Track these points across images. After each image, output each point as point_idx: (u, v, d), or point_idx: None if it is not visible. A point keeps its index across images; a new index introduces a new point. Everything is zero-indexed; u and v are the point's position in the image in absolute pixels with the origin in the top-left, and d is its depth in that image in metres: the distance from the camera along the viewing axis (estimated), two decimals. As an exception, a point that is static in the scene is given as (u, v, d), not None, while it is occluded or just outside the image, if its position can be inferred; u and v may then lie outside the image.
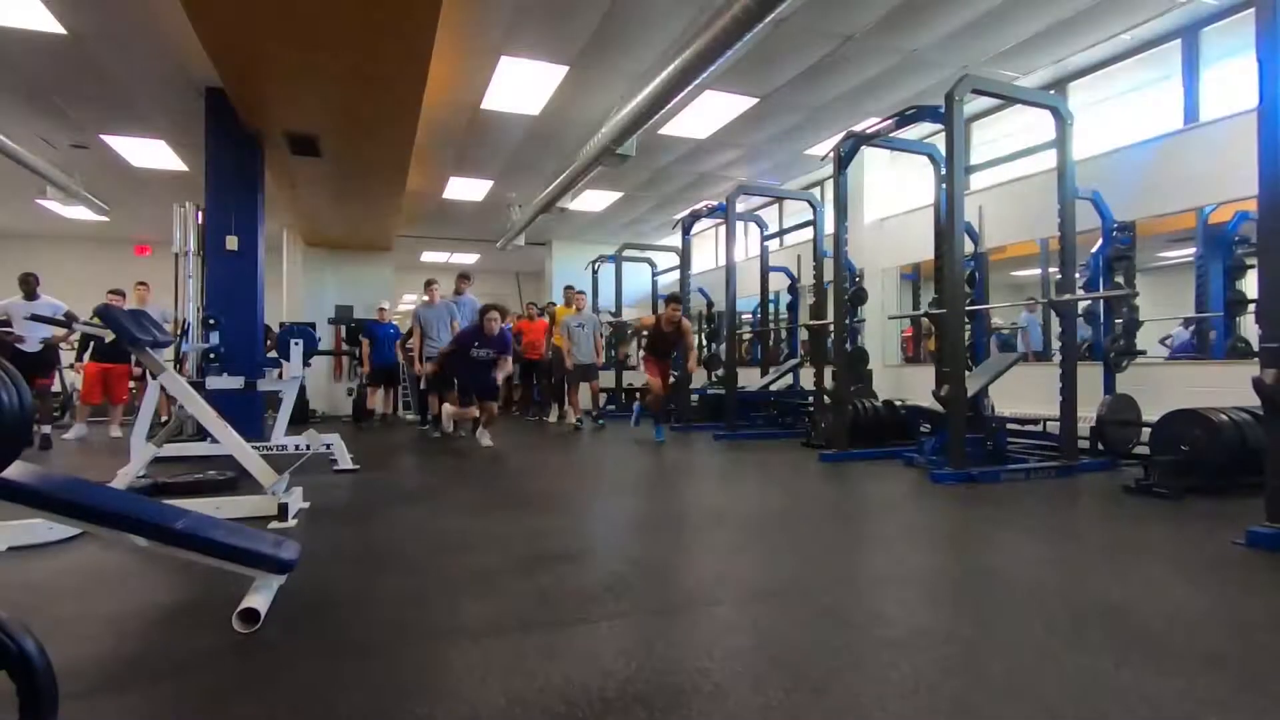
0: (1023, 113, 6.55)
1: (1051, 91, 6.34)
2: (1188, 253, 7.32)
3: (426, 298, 7.66)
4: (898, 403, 6.36)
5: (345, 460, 4.82)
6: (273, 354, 6.53)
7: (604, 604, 2.09)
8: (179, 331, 6.01)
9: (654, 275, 11.48)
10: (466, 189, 9.77)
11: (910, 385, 7.80)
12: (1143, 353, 5.20)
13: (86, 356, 7.09)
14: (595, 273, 11.22)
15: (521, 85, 6.29)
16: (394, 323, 9.48)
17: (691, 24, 5.10)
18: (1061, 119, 4.79)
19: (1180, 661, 1.66)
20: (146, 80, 6.04)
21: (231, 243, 6.34)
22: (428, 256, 14.75)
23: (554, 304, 10.33)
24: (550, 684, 1.54)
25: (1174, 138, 5.66)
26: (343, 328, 11.10)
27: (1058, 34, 5.61)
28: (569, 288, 9.12)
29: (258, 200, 6.59)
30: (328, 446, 4.76)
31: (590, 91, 6.45)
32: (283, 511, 3.12)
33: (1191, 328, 7.09)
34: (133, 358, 6.60)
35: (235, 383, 4.68)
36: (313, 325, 8.52)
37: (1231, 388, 4.35)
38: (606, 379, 10.02)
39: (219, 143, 6.32)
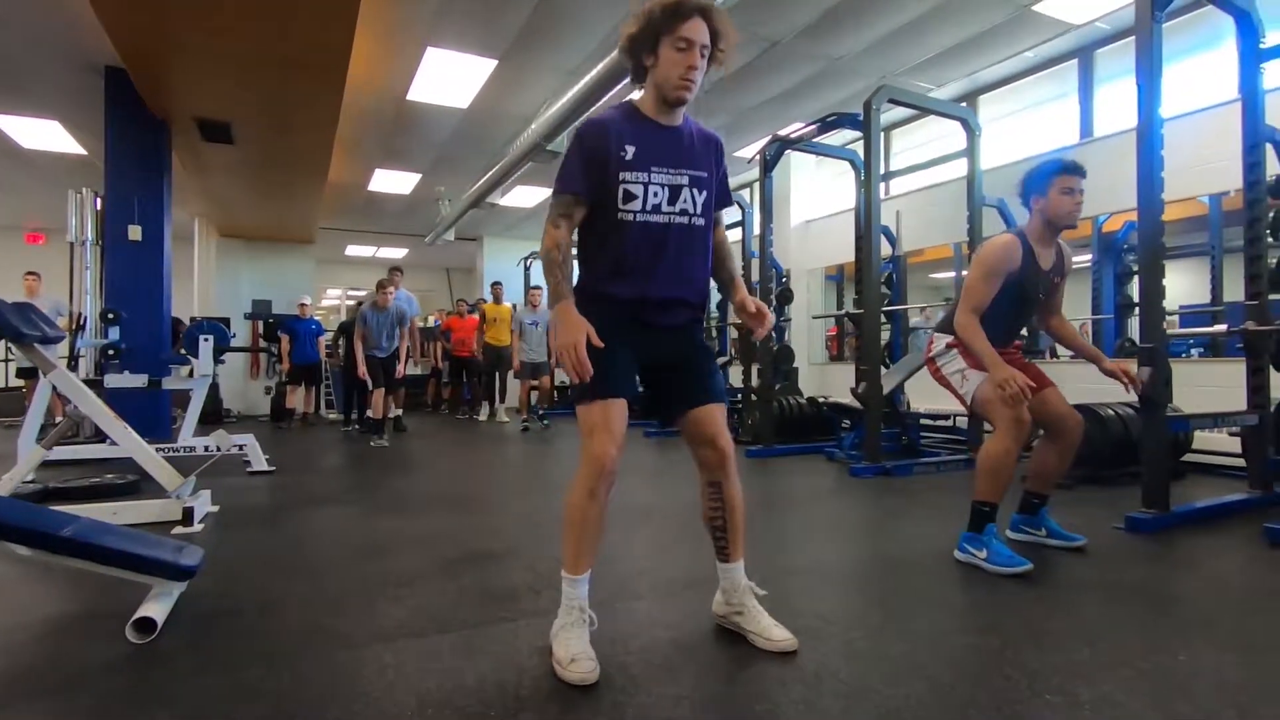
0: (939, 122, 6.87)
1: (963, 104, 6.68)
2: (1087, 258, 7.85)
3: (377, 300, 6.41)
4: (821, 399, 6.57)
5: (260, 462, 4.62)
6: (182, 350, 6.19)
7: (525, 602, 2.09)
8: (74, 326, 5.62)
9: (587, 273, 11.48)
10: (393, 181, 9.51)
11: (835, 382, 8.07)
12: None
13: None
14: (528, 269, 11.12)
15: (449, 77, 6.17)
16: (316, 318, 9.13)
17: (621, 22, 5.12)
18: (971, 130, 5.05)
19: (1058, 638, 1.79)
20: (37, 55, 5.62)
21: (134, 232, 5.98)
22: (353, 250, 14.27)
23: (484, 300, 10.08)
24: (464, 684, 1.53)
25: (1071, 151, 6.06)
26: (260, 323, 10.61)
27: (969, 49, 5.92)
28: (496, 284, 8.95)
29: (164, 187, 6.24)
30: (240, 447, 4.57)
31: (520, 86, 6.39)
32: (188, 516, 2.98)
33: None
34: None
35: (138, 381, 4.43)
36: (226, 320, 8.15)
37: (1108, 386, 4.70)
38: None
39: (120, 126, 5.95)
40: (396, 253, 14.30)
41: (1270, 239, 3.49)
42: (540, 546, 2.81)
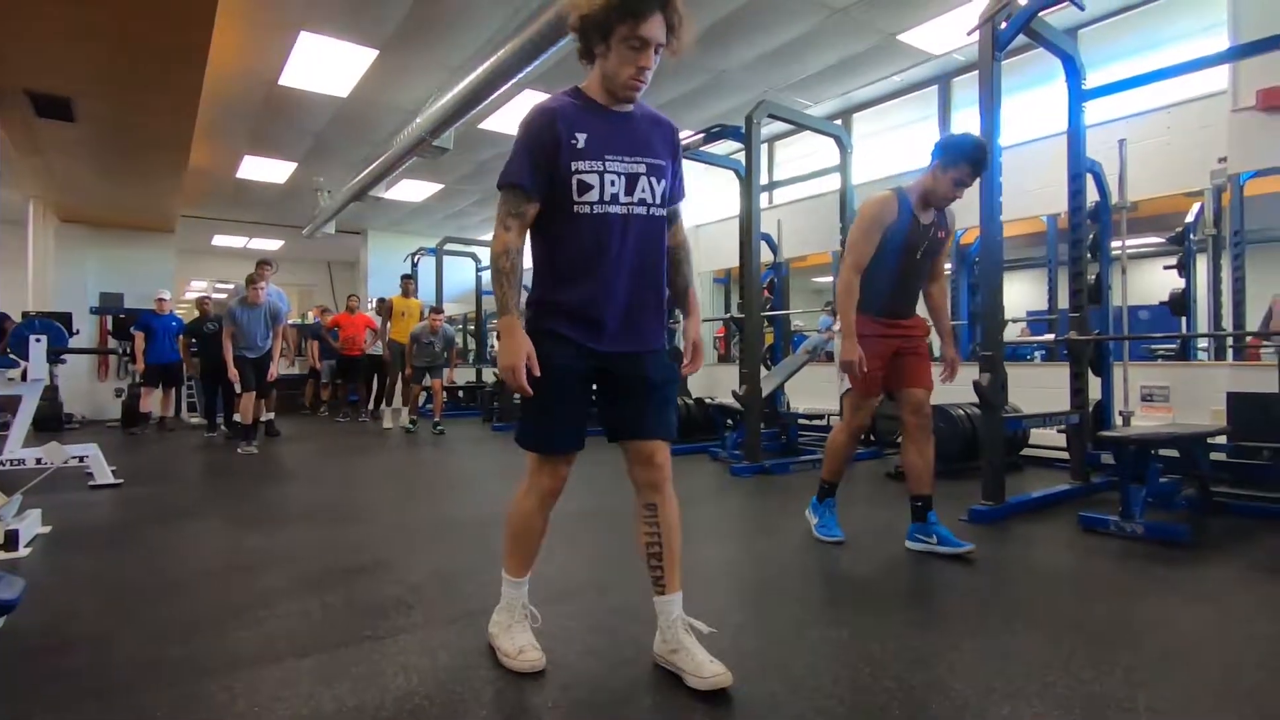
0: (818, 136, 7.25)
1: (838, 121, 7.08)
2: (947, 268, 8.53)
3: (248, 295, 6.00)
4: (708, 400, 6.77)
5: (104, 474, 4.21)
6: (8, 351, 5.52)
7: (394, 618, 2.03)
8: None
9: (478, 271, 11.19)
10: (265, 169, 8.91)
11: (723, 383, 8.31)
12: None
13: None
14: (415, 265, 10.73)
15: (326, 64, 5.86)
16: (176, 314, 8.40)
17: (509, 21, 5.05)
18: (843, 147, 5.38)
19: (903, 627, 1.96)
20: None
21: (-51, 216, 5.27)
22: (220, 240, 13.24)
23: (383, 299, 9.43)
24: (321, 709, 1.47)
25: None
26: (109, 319, 9.63)
27: (843, 70, 6.29)
28: (406, 278, 8.58)
29: (-12, 167, 5.54)
30: (81, 459, 4.14)
31: (404, 79, 6.16)
32: (10, 540, 2.68)
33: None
34: None
35: (-49, 386, 3.92)
36: (66, 316, 7.34)
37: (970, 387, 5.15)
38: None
39: (-69, 94, 5.22)
40: (271, 244, 13.40)
41: (1090, 258, 3.95)
42: (414, 558, 2.74)
